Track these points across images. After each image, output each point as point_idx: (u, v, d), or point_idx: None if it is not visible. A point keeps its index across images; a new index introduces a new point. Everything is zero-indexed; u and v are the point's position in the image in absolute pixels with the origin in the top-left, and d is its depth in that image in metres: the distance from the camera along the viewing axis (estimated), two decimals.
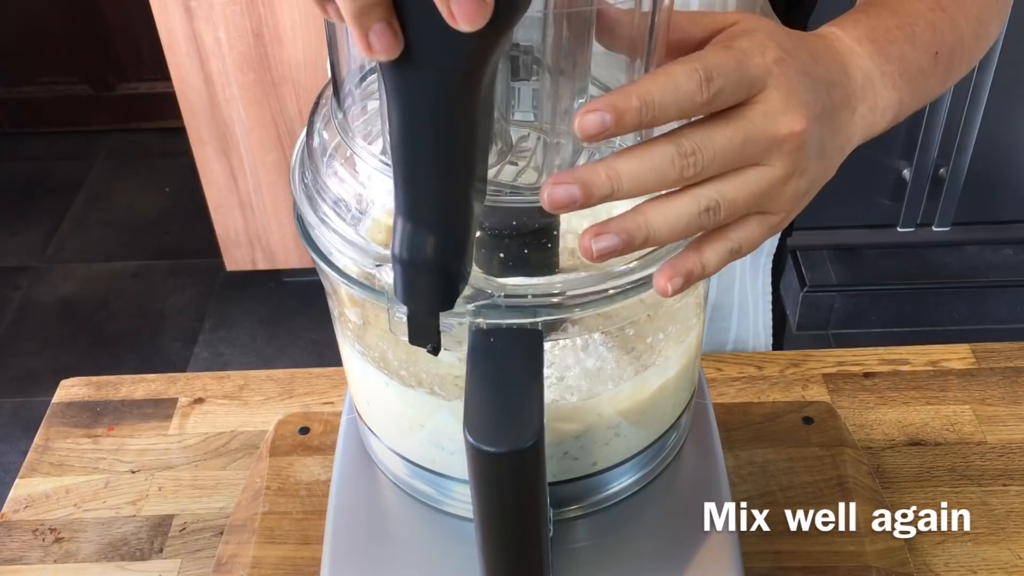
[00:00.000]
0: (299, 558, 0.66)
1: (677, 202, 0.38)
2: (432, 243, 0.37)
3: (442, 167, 0.35)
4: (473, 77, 0.33)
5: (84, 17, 2.64)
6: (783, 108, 0.38)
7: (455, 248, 0.38)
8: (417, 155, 0.35)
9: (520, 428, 0.39)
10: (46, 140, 2.80)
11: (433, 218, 0.37)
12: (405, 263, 0.38)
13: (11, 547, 0.72)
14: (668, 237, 0.38)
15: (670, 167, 0.37)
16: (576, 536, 0.54)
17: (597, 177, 0.36)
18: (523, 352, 0.41)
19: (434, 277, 0.38)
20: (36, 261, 2.42)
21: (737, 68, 0.37)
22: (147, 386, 0.84)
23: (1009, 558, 0.68)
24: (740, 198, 0.38)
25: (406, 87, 0.33)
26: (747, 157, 0.38)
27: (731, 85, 0.37)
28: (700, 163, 0.37)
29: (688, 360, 0.53)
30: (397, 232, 0.37)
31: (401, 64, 0.33)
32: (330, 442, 0.74)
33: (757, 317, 0.91)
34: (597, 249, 0.37)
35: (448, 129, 0.34)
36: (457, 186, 0.36)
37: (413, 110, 0.34)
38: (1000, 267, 2.06)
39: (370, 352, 0.50)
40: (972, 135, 1.87)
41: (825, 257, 2.08)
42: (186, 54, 1.88)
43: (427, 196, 0.36)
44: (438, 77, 0.33)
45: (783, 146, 0.38)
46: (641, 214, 0.38)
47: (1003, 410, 0.79)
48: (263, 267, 2.22)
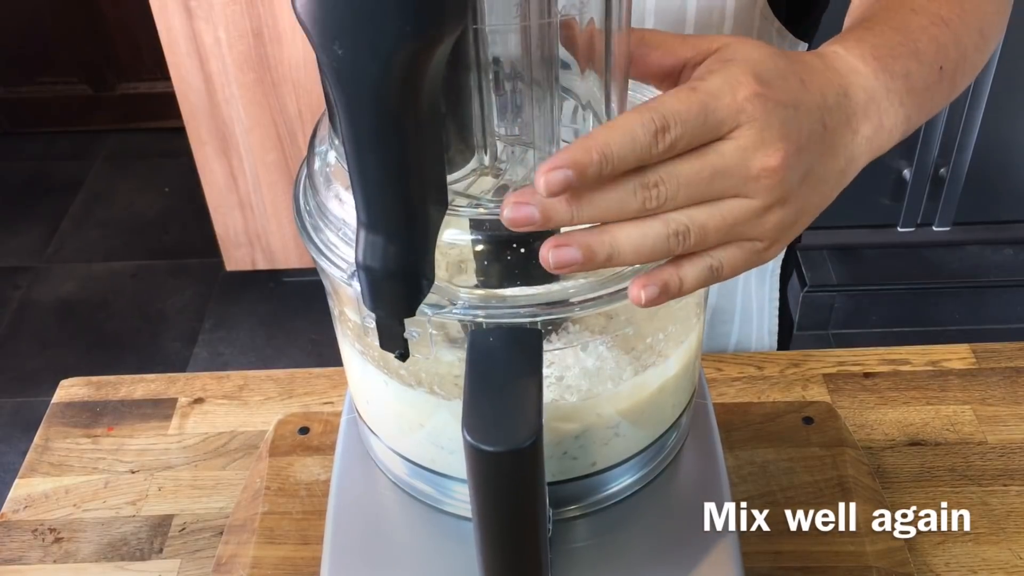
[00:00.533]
0: (299, 558, 0.66)
1: (645, 225, 0.38)
2: (390, 251, 0.38)
3: (392, 175, 0.36)
4: (411, 87, 0.34)
5: (84, 17, 2.64)
6: (757, 144, 0.38)
7: (413, 256, 0.38)
8: (367, 164, 0.36)
9: (518, 427, 0.39)
10: (46, 140, 2.81)
11: (389, 226, 0.38)
12: (366, 270, 0.39)
13: (11, 547, 0.72)
14: (633, 258, 0.38)
15: (632, 197, 0.37)
16: (576, 536, 0.54)
17: (559, 203, 0.37)
18: (522, 351, 0.41)
19: (395, 284, 0.39)
20: (36, 261, 2.42)
21: (699, 113, 0.37)
22: (147, 386, 0.84)
23: (1009, 558, 0.68)
24: (711, 225, 0.39)
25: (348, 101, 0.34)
26: (718, 190, 0.38)
27: (691, 130, 0.37)
28: (663, 195, 0.37)
29: (688, 360, 0.53)
30: (360, 240, 0.38)
31: (340, 76, 0.34)
32: (330, 442, 0.74)
33: (762, 322, 0.91)
34: (555, 260, 0.37)
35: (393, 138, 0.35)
36: (410, 193, 0.37)
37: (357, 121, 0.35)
38: (1000, 267, 2.06)
39: (370, 352, 0.50)
40: (972, 135, 1.87)
41: (825, 257, 2.08)
42: (186, 54, 1.88)
43: (381, 204, 0.37)
44: (375, 88, 0.34)
45: (759, 181, 0.38)
46: (607, 232, 0.38)
47: (1003, 410, 0.79)
48: (263, 267, 2.22)
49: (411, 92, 0.34)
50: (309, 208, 0.47)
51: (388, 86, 0.34)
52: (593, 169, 0.36)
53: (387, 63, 0.33)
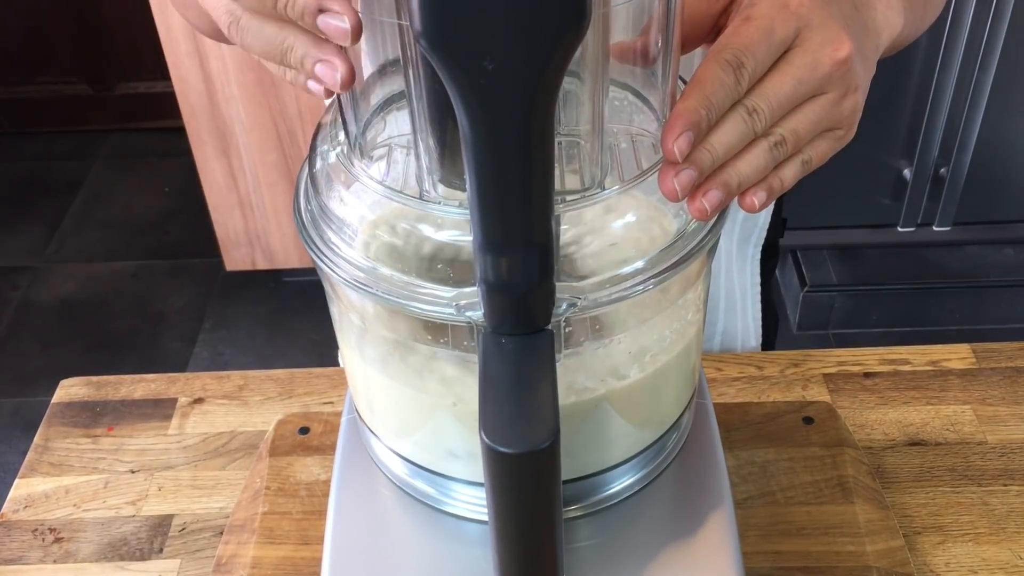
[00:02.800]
0: (299, 558, 0.66)
1: (755, 147, 0.42)
2: (524, 265, 0.37)
3: (539, 189, 0.35)
4: (554, 88, 0.32)
5: (84, 17, 2.64)
6: (822, 43, 0.42)
7: (544, 266, 0.38)
8: (511, 182, 0.35)
9: (536, 428, 0.39)
10: (46, 140, 2.81)
11: (533, 240, 0.37)
12: (510, 290, 0.38)
13: (11, 547, 0.72)
14: (755, 179, 0.43)
15: (744, 127, 0.41)
16: (577, 536, 0.54)
17: (700, 154, 0.40)
18: (535, 352, 0.41)
19: (537, 297, 0.39)
20: (36, 261, 2.42)
21: (762, 39, 0.41)
22: (147, 386, 0.84)
23: (1010, 558, 0.68)
24: (802, 129, 0.43)
25: (495, 119, 0.33)
26: (802, 94, 0.42)
27: (763, 57, 0.41)
28: (765, 117, 0.42)
29: (688, 360, 0.53)
30: (486, 261, 0.37)
31: (487, 93, 0.32)
32: (330, 442, 0.74)
33: (746, 310, 0.91)
34: (710, 205, 0.42)
35: (540, 149, 0.34)
36: (544, 204, 0.36)
37: (502, 139, 0.33)
38: (1000, 267, 2.06)
39: (370, 353, 0.50)
40: (973, 135, 1.87)
41: (825, 257, 2.08)
42: (186, 54, 1.88)
43: (516, 218, 0.36)
44: (526, 96, 0.32)
45: (833, 75, 0.43)
46: (730, 165, 0.42)
47: (1004, 410, 0.79)
48: (263, 267, 2.22)
49: (554, 94, 0.33)
50: (310, 209, 0.47)
51: (539, 92, 0.32)
52: (705, 122, 0.40)
53: (541, 67, 0.31)
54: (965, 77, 1.80)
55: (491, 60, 0.30)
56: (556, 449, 0.40)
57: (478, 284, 0.39)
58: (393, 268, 0.44)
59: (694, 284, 0.49)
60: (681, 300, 0.49)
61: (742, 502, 0.69)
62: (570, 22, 0.30)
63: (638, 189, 0.44)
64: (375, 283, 0.44)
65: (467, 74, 0.31)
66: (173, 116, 2.11)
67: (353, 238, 0.45)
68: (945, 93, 1.82)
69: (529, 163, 0.34)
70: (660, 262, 0.44)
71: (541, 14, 0.30)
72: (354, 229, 0.45)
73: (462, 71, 0.31)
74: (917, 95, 1.83)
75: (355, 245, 0.45)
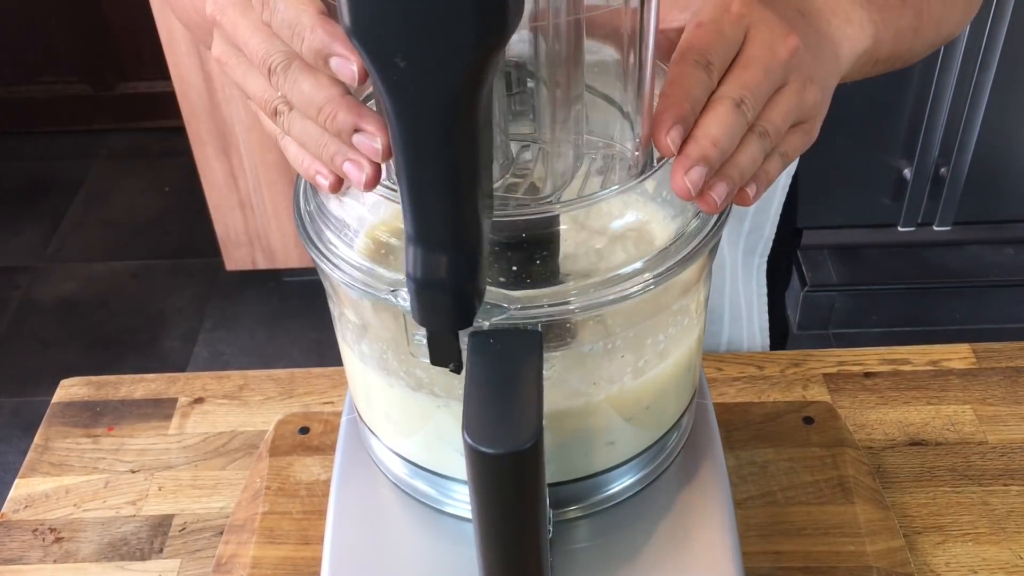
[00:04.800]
0: (299, 558, 0.66)
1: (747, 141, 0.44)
2: (445, 263, 0.37)
3: (449, 186, 0.35)
4: (473, 93, 0.33)
5: (84, 17, 2.64)
6: (771, 35, 0.45)
7: (469, 266, 0.38)
8: (426, 177, 0.35)
9: (519, 429, 0.39)
10: (46, 140, 2.81)
11: (444, 238, 0.37)
12: (421, 285, 0.38)
13: (11, 547, 0.72)
14: (751, 170, 0.44)
15: (737, 115, 0.43)
16: (576, 537, 0.54)
17: (707, 150, 0.42)
18: (522, 353, 0.41)
19: (450, 297, 0.38)
20: (36, 261, 2.42)
21: (717, 37, 0.43)
22: (147, 386, 0.84)
23: (1010, 558, 0.68)
24: (778, 119, 0.45)
25: (408, 115, 0.33)
26: (772, 82, 0.44)
27: (723, 52, 0.44)
28: (750, 105, 0.43)
29: (689, 361, 0.53)
30: (410, 254, 0.37)
31: (401, 89, 0.32)
32: (330, 442, 0.74)
33: (752, 320, 0.91)
34: (719, 198, 0.43)
35: (454, 148, 0.34)
36: (466, 204, 0.36)
37: (416, 134, 0.34)
38: (1001, 267, 2.06)
39: (370, 353, 0.50)
40: (973, 134, 1.87)
41: (825, 257, 2.08)
42: (186, 53, 1.88)
43: (437, 216, 0.36)
44: (439, 96, 0.33)
45: (790, 62, 0.45)
46: (732, 160, 0.43)
47: (1004, 410, 0.79)
48: (263, 267, 2.22)
49: (473, 99, 0.33)
50: (310, 209, 0.47)
51: (453, 95, 0.33)
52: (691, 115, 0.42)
53: (454, 71, 0.32)
54: (965, 77, 1.80)
55: (403, 58, 0.31)
56: (539, 450, 0.40)
57: None
58: (392, 269, 0.44)
59: (695, 286, 0.49)
60: (682, 302, 0.49)
61: (742, 502, 0.69)
62: (488, 30, 0.31)
63: (637, 191, 0.44)
64: (375, 283, 0.44)
65: (381, 68, 0.32)
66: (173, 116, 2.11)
67: (353, 239, 0.45)
68: (945, 93, 1.82)
69: (452, 163, 0.35)
70: (659, 263, 0.44)
71: (456, 19, 0.30)
72: (354, 230, 0.46)
73: (375, 63, 0.32)
74: (917, 95, 1.83)
75: (355, 246, 0.45)
